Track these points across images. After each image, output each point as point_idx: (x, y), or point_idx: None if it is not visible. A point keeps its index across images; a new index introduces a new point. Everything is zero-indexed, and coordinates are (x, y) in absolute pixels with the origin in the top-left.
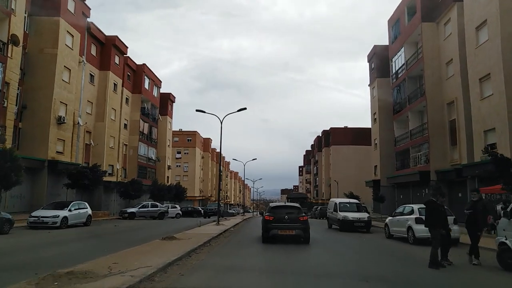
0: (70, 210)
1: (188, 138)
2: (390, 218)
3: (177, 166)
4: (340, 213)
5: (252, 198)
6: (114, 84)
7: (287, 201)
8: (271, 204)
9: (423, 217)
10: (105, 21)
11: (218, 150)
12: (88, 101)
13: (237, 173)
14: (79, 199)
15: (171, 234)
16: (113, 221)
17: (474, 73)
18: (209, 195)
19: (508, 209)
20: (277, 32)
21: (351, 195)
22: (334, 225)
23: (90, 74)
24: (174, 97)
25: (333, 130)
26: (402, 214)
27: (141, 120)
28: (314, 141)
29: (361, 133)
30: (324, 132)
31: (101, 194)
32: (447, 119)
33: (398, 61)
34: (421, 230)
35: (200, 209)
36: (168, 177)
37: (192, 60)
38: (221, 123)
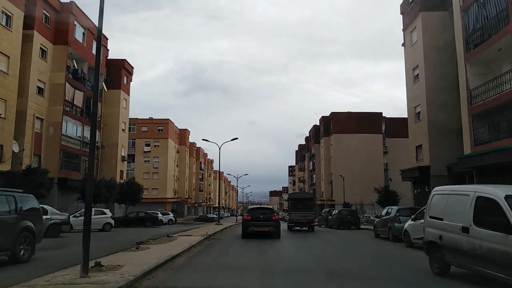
0: None
1: (159, 128)
2: None
3: (145, 161)
4: None
5: (240, 200)
6: (5, 14)
7: (288, 203)
8: (249, 206)
9: None
10: None
11: (198, 146)
12: None
13: (223, 173)
14: None
15: None
16: None
17: None
18: (186, 197)
19: None
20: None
21: (385, 189)
22: (464, 264)
23: None
24: (132, 68)
25: (334, 115)
26: None
27: (68, 84)
28: (309, 132)
29: (368, 119)
30: (323, 118)
31: None
32: None
33: None
34: None
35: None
36: (122, 171)
37: (178, 61)
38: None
